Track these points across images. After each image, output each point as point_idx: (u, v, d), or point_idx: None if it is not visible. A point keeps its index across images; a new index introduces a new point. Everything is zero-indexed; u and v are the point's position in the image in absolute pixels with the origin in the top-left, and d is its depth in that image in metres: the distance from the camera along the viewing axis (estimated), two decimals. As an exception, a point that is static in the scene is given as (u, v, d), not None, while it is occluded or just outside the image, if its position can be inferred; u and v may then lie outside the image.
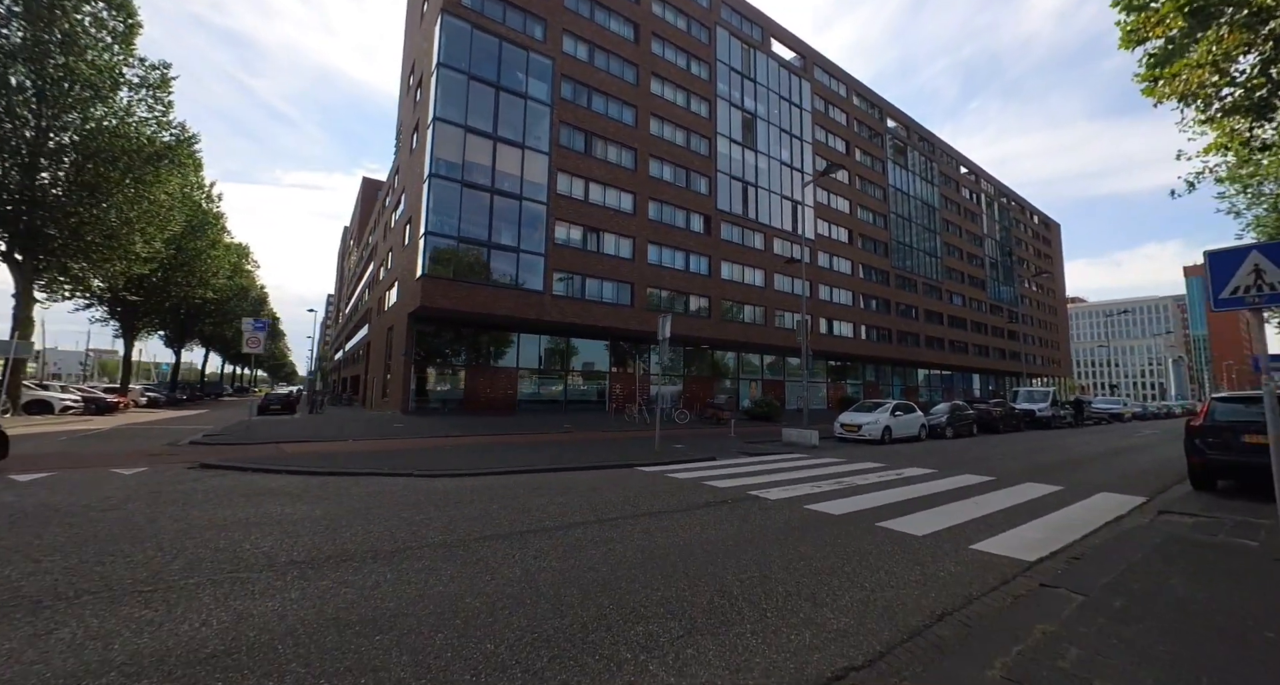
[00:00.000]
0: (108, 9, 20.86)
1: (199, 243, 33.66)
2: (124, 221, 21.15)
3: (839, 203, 40.92)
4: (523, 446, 11.74)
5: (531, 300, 24.01)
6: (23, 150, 18.91)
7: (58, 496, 5.80)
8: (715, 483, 7.35)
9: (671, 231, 29.99)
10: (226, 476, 7.37)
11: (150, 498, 5.82)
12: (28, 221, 19.13)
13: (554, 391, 27.51)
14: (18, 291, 19.45)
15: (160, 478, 7.14)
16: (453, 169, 23.00)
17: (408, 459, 9.28)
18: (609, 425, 18.92)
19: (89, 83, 19.63)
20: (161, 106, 22.24)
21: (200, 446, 10.95)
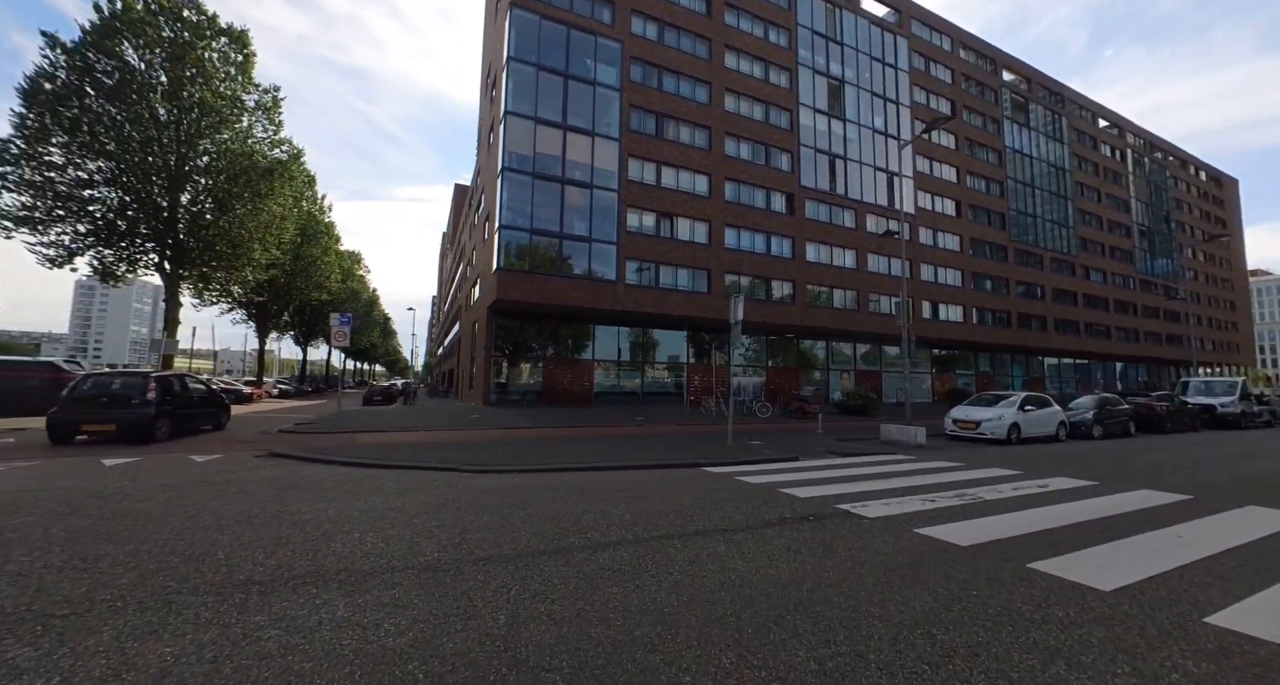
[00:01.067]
0: (229, 43, 23.16)
1: (314, 250, 37.28)
2: (246, 232, 23.61)
3: (944, 171, 36.27)
4: (588, 440, 11.10)
5: (604, 290, 23.53)
6: (165, 176, 21.54)
7: (114, 484, 5.93)
8: (795, 490, 6.06)
9: (750, 213, 28.11)
10: (282, 466, 7.36)
11: (192, 488, 5.76)
12: (173, 237, 21.88)
13: (631, 384, 26.95)
14: (167, 297, 22.39)
15: (221, 466, 7.28)
16: (524, 162, 23.05)
17: (464, 452, 8.93)
18: (683, 418, 17.91)
19: (216, 110, 21.91)
20: (273, 126, 24.46)
21: (287, 434, 11.54)
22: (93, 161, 20.27)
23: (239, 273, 24.68)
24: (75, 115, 19.57)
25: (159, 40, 20.89)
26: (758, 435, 12.69)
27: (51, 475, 6.35)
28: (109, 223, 20.81)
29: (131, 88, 20.22)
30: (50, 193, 19.81)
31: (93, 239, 20.78)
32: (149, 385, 10.40)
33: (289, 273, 35.77)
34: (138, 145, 20.50)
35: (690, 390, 26.92)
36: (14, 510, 4.58)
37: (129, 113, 20.25)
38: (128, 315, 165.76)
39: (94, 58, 19.93)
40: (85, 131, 19.66)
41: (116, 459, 7.63)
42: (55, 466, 6.96)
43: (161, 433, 10.37)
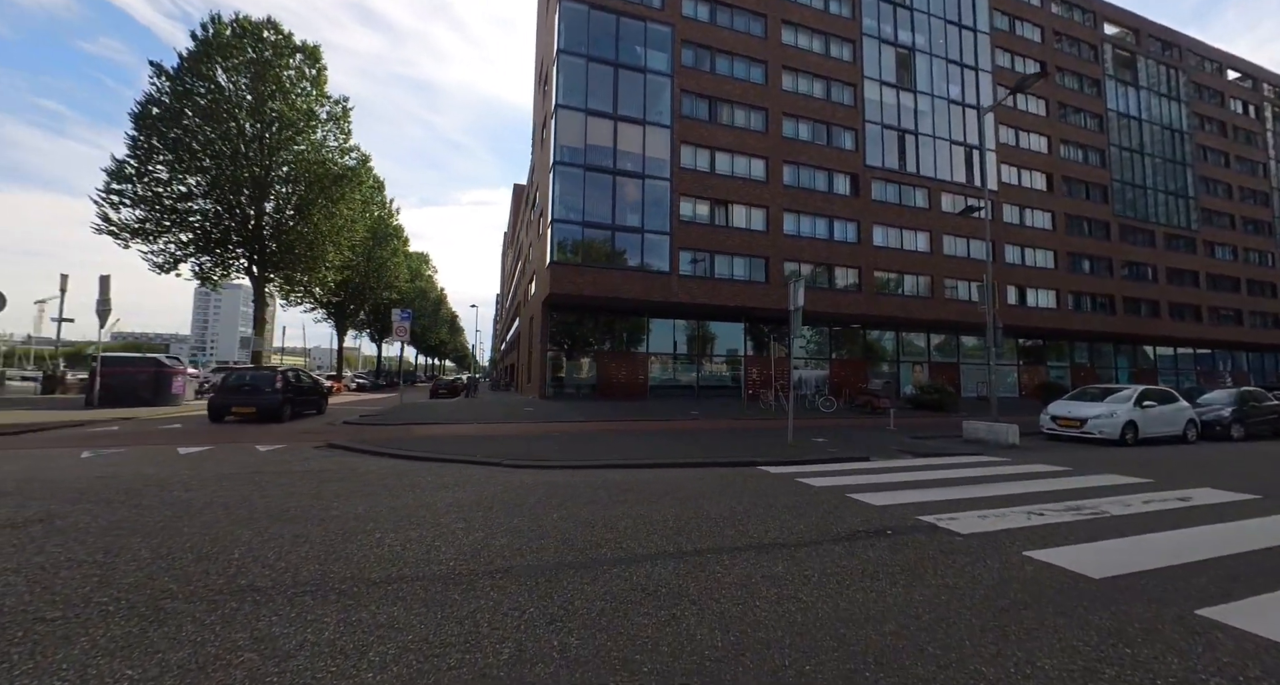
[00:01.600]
0: (304, 59, 24.58)
1: (384, 252, 39.38)
2: (321, 235, 25.15)
3: (1032, 141, 32.68)
4: (639, 434, 10.67)
5: (657, 282, 23.02)
6: (251, 186, 23.22)
7: (179, 472, 6.13)
8: (867, 496, 5.29)
9: (811, 196, 26.55)
10: (332, 458, 7.44)
11: (244, 478, 5.83)
12: (258, 242, 23.65)
13: (687, 377, 26.34)
14: (255, 298, 24.28)
15: (280, 457, 7.47)
16: (575, 154, 22.91)
17: (511, 446, 8.75)
18: (741, 413, 17.10)
19: (293, 123, 23.35)
20: (343, 134, 25.84)
21: (350, 426, 11.95)
22: (192, 177, 22.16)
23: (316, 274, 26.33)
24: (177, 135, 21.45)
25: (244, 61, 22.50)
26: (822, 431, 11.74)
27: (131, 462, 6.73)
28: (206, 231, 22.74)
29: (222, 107, 21.92)
30: (158, 207, 21.85)
31: (193, 247, 22.76)
32: (277, 378, 13.13)
33: (362, 274, 38.02)
34: (227, 159, 22.22)
35: (748, 384, 25.91)
36: (77, 498, 4.75)
37: (220, 130, 21.98)
38: (236, 317, 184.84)
39: (191, 82, 21.75)
40: (185, 149, 21.52)
41: (192, 447, 8.06)
42: (135, 453, 7.42)
43: (286, 414, 12.81)
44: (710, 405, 20.87)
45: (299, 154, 24.01)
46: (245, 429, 10.88)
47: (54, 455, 7.24)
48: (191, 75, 21.77)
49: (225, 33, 22.55)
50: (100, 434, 9.68)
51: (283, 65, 23.65)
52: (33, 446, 8.06)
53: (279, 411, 12.55)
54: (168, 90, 21.57)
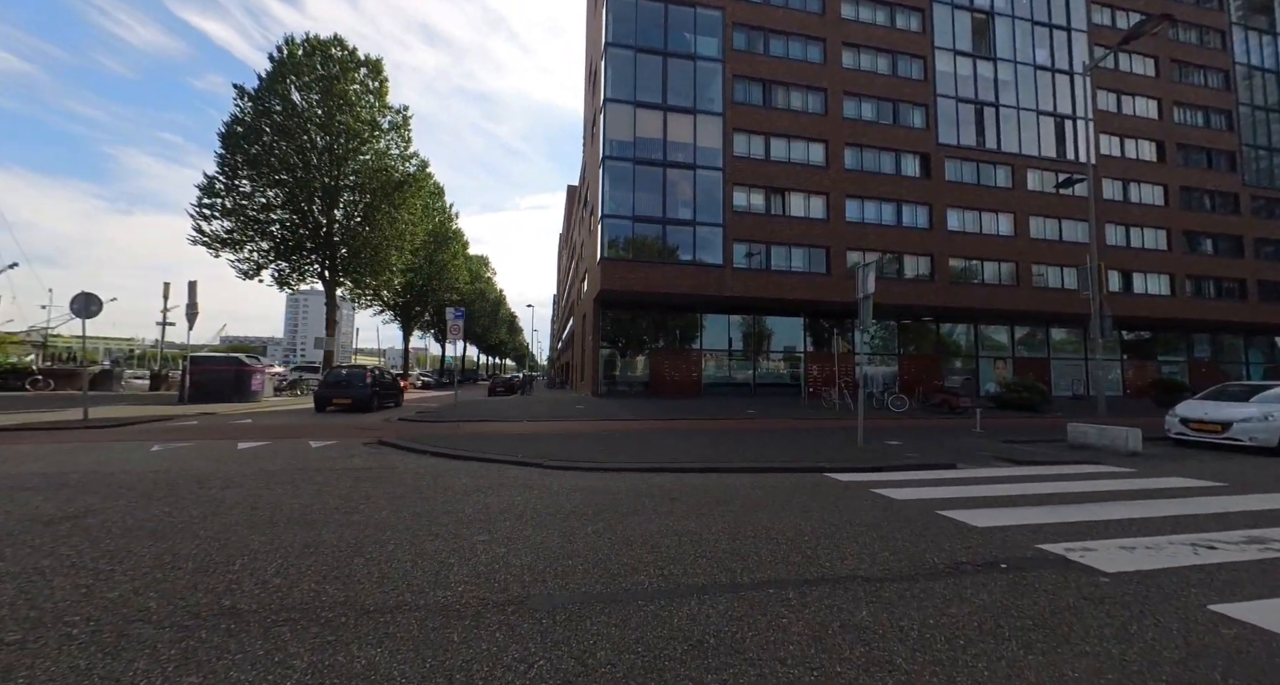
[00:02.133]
0: (368, 73, 25.69)
1: (445, 255, 40.87)
2: (384, 240, 26.28)
3: (1139, 105, 28.86)
4: (692, 434, 10.03)
5: (711, 275, 22.18)
6: (322, 195, 24.56)
7: (227, 468, 6.17)
8: (964, 514, 4.39)
9: (876, 180, 24.72)
10: (376, 456, 7.34)
11: (285, 475, 5.74)
12: (329, 248, 25.01)
13: (743, 375, 25.32)
14: (327, 301, 25.70)
15: (328, 453, 7.46)
16: (624, 148, 22.50)
17: (557, 445, 8.38)
18: (801, 412, 16.01)
19: (358, 133, 24.45)
20: (404, 142, 26.84)
21: (405, 422, 12.10)
22: (271, 189, 23.69)
23: (382, 277, 27.48)
24: (258, 151, 22.98)
25: (315, 78, 23.77)
26: (895, 433, 10.57)
27: (189, 457, 6.91)
28: (283, 239, 24.28)
29: (295, 122, 23.28)
30: (242, 218, 23.55)
31: (273, 254, 24.36)
32: (367, 375, 15.80)
33: (425, 276, 39.66)
34: (300, 170, 23.57)
35: (808, 382, 24.51)
36: (122, 492, 4.76)
37: (294, 144, 23.35)
38: (320, 321, 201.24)
39: (269, 100, 23.24)
40: (265, 164, 23.03)
41: (251, 443, 8.27)
42: (198, 448, 7.66)
43: (374, 405, 15.23)
44: (767, 404, 19.80)
45: (364, 163, 25.08)
46: (307, 424, 11.24)
47: (131, 447, 7.61)
48: (269, 94, 23.24)
49: (298, 52, 23.91)
50: (179, 428, 10.26)
51: (349, 80, 24.79)
52: (124, 438, 8.56)
53: (369, 403, 14.90)
54: (249, 110, 23.15)
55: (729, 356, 25.25)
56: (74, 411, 11.97)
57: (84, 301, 10.82)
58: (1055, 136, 27.15)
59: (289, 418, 12.78)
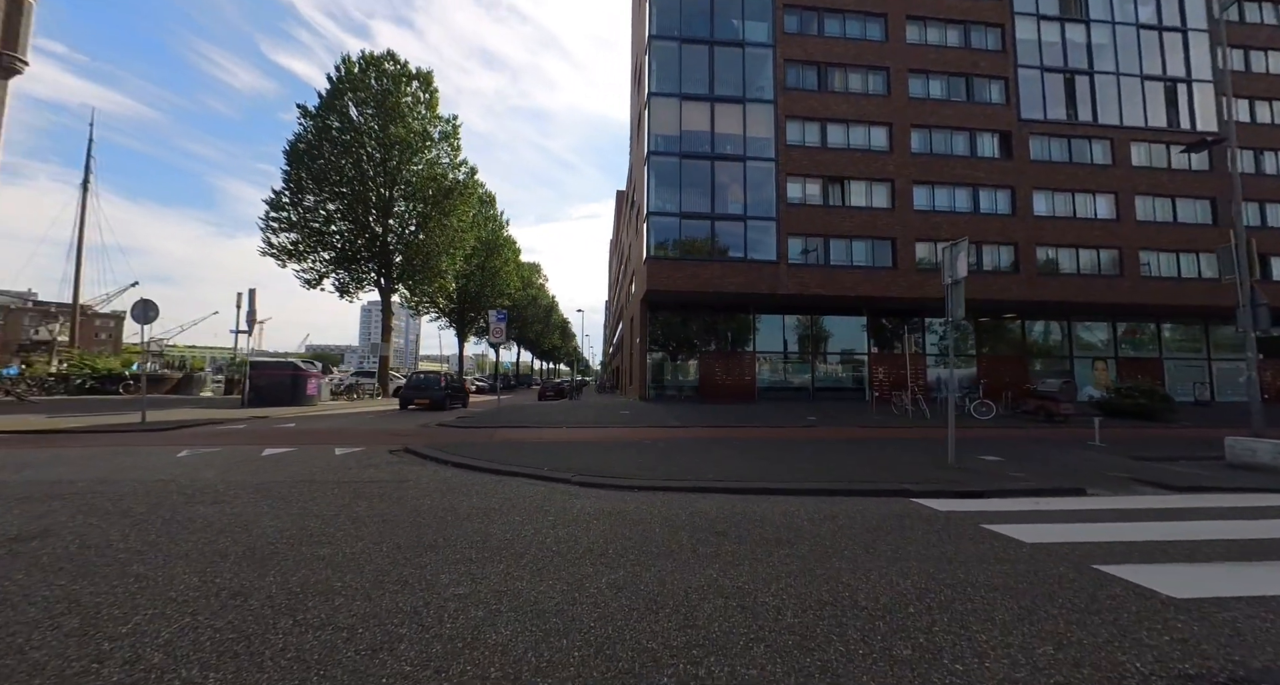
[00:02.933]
0: (420, 86, 26.29)
1: (496, 262, 41.55)
2: (435, 246, 26.74)
3: (1274, 61, 24.70)
4: (744, 444, 8.91)
5: (764, 272, 20.81)
6: (377, 205, 25.27)
7: (233, 478, 5.73)
8: (1145, 575, 3.07)
9: (948, 163, 22.47)
10: (394, 466, 6.75)
11: (289, 488, 5.19)
12: (384, 256, 25.70)
13: (800, 379, 23.68)
14: (382, 308, 26.40)
15: (347, 461, 6.96)
16: (670, 143, 21.61)
17: (592, 455, 7.52)
18: (868, 419, 14.37)
19: (411, 145, 25.01)
20: (453, 151, 27.27)
21: (442, 428, 11.68)
22: (332, 202, 24.60)
23: (434, 284, 27.96)
24: (320, 166, 23.95)
25: (370, 94, 24.53)
26: (989, 446, 8.93)
27: (207, 463, 6.60)
28: (343, 249, 25.16)
29: (353, 136, 24.08)
30: (306, 230, 24.60)
31: (333, 264, 25.31)
32: (441, 379, 18.82)
33: (478, 283, 40.45)
34: (357, 183, 24.34)
35: (874, 385, 22.50)
36: (93, 508, 4.32)
37: (352, 157, 24.18)
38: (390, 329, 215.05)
39: (328, 117, 24.20)
40: (325, 178, 23.94)
41: (277, 448, 7.97)
42: (224, 454, 7.40)
43: (446, 404, 17.63)
44: (829, 410, 18.15)
45: (416, 172, 25.57)
46: (345, 428, 11.04)
47: (160, 453, 7.47)
48: (328, 111, 24.18)
49: (354, 70, 24.76)
50: (222, 432, 10.28)
51: (401, 93, 25.42)
52: (164, 443, 8.53)
53: (442, 402, 17.45)
54: (311, 128, 24.17)
55: (784, 359, 23.67)
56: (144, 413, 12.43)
57: (143, 308, 11.15)
58: (1165, 103, 23.70)
59: (333, 422, 12.72)
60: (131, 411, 14.10)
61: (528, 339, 69.32)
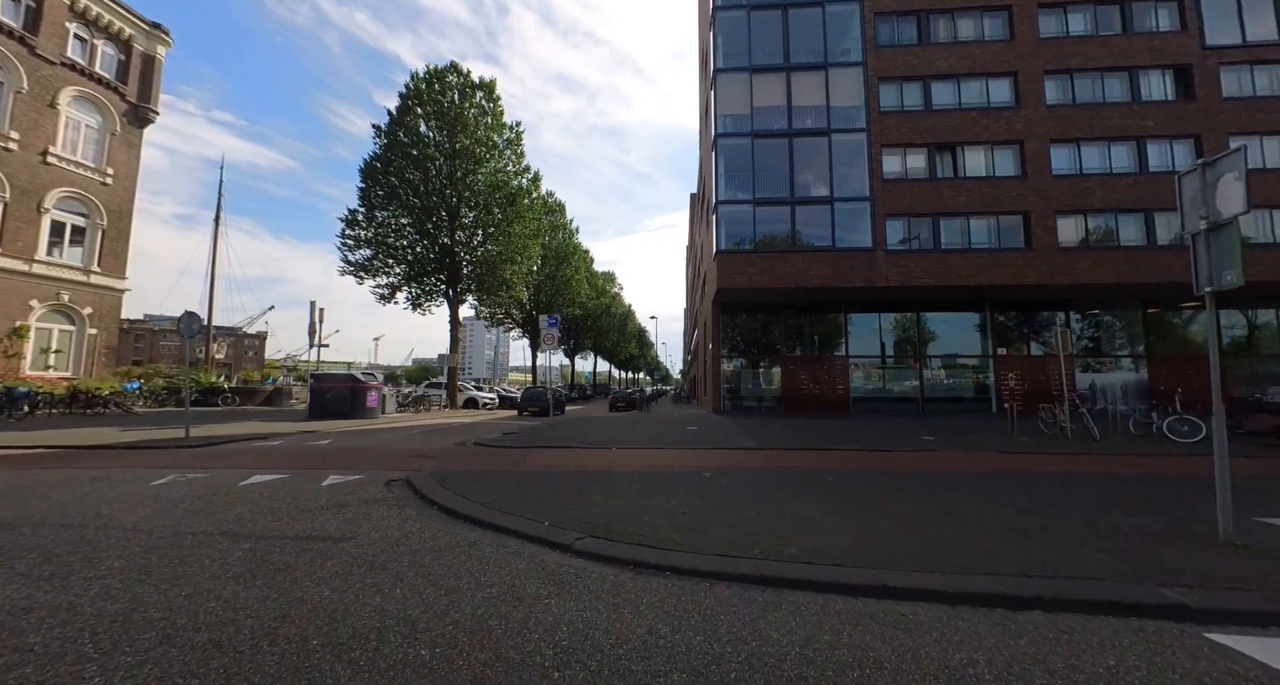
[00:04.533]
0: (484, 96, 26.19)
1: (566, 270, 41.12)
2: (500, 255, 26.33)
3: None
4: (844, 479, 6.42)
5: (857, 262, 17.69)
6: (446, 216, 25.28)
7: (173, 521, 4.36)
8: None
9: (1098, 113, 17.97)
10: (370, 505, 5.13)
11: (204, 540, 3.68)
12: (452, 267, 25.66)
13: (903, 387, 20.06)
14: (450, 319, 26.33)
15: (319, 497, 5.45)
16: (740, 123, 19.25)
17: (630, 496, 5.50)
18: (1006, 439, 10.96)
19: (475, 154, 24.83)
20: (516, 157, 26.85)
21: (480, 447, 10.25)
22: (403, 217, 24.95)
23: (500, 295, 27.55)
24: (391, 181, 24.42)
25: (438, 109, 24.71)
26: (1258, 493, 5.65)
27: (170, 495, 5.44)
28: (413, 263, 25.44)
29: (420, 149, 24.33)
30: (381, 246, 25.16)
31: (406, 279, 25.66)
32: (547, 393, 21.14)
33: (549, 292, 40.20)
34: (426, 195, 24.49)
35: (1001, 394, 18.34)
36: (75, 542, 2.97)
37: (420, 169, 24.42)
38: (483, 343, 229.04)
39: (399, 133, 24.65)
40: (397, 195, 24.35)
41: (267, 475, 6.75)
42: (204, 481, 6.29)
43: (550, 412, 19.37)
44: (946, 427, 14.63)
45: (481, 181, 25.29)
46: (372, 448, 9.93)
47: (141, 477, 6.52)
48: (398, 127, 24.62)
49: (422, 86, 25.09)
50: (247, 450, 9.53)
51: (466, 105, 25.39)
52: (175, 464, 7.75)
53: (548, 410, 19.81)
54: (382, 145, 24.74)
55: (882, 364, 20.15)
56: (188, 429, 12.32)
57: (189, 319, 10.89)
58: None
59: (375, 438, 11.81)
60: (208, 423, 14.29)
61: (604, 348, 68.71)
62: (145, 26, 24.67)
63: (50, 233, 21.15)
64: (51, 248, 21.37)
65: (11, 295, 19.84)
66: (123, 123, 23.81)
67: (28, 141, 20.45)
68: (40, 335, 20.94)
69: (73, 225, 22.05)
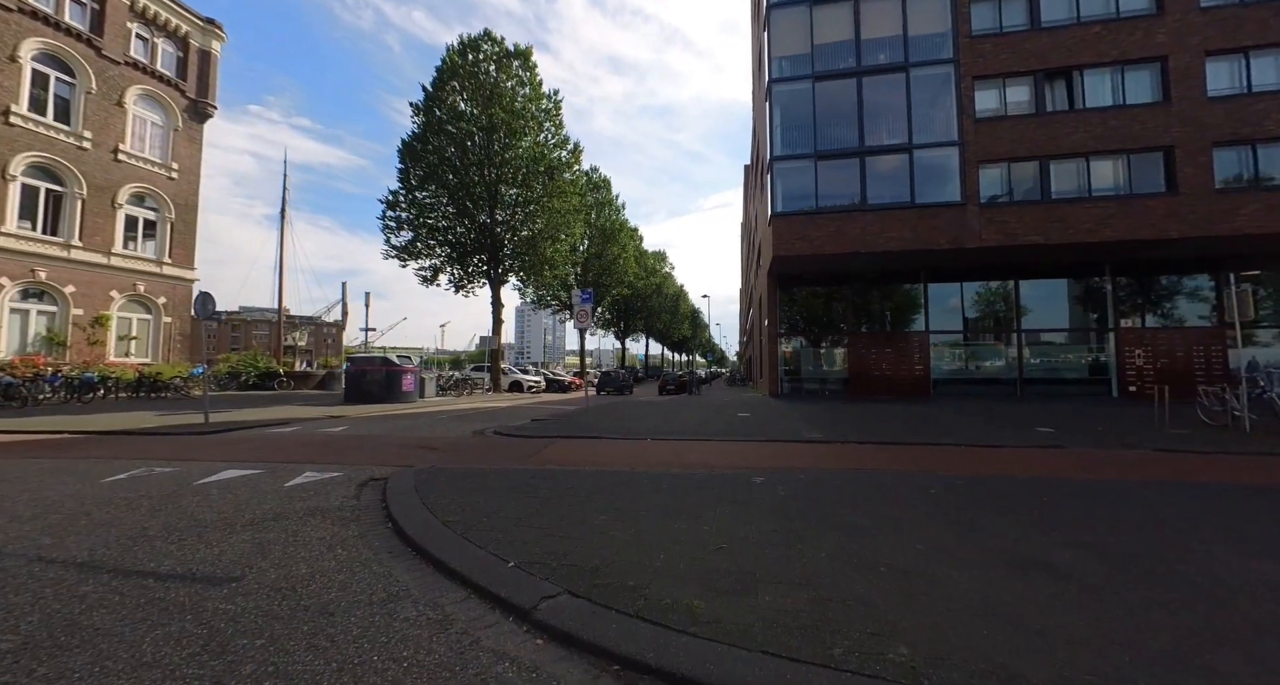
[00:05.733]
0: (520, 65, 24.85)
1: (614, 248, 39.63)
2: (541, 232, 25.25)
3: None
4: (948, 490, 4.59)
5: (942, 221, 14.99)
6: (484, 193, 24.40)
7: (77, 539, 3.34)
8: None
9: (1274, 12, 14.02)
10: (300, 527, 3.92)
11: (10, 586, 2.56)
12: (492, 246, 24.86)
13: (994, 365, 17.22)
14: (493, 300, 25.63)
15: (257, 503, 4.32)
16: (799, 65, 16.75)
17: (639, 517, 3.99)
18: (1151, 432, 8.42)
19: (512, 126, 23.65)
20: (554, 126, 25.45)
21: (499, 437, 9.07)
22: (444, 197, 24.28)
23: (543, 273, 26.52)
24: (431, 160, 23.77)
25: (474, 84, 23.66)
26: None
27: (116, 497, 4.53)
28: (455, 243, 24.86)
29: (458, 125, 23.45)
30: (422, 227, 24.72)
31: (446, 260, 25.16)
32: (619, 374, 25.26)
33: (595, 271, 38.97)
34: (464, 171, 23.66)
35: (1124, 375, 15.18)
36: None
37: (457, 145, 23.59)
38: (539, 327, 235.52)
39: (437, 111, 23.85)
40: (436, 173, 23.68)
41: (233, 471, 5.78)
42: (164, 477, 5.42)
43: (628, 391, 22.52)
44: (1059, 413, 11.94)
45: (520, 155, 24.13)
46: (380, 437, 9.01)
47: (102, 469, 5.74)
48: (435, 103, 23.81)
49: (456, 59, 24.08)
50: (251, 438, 8.86)
51: (503, 77, 24.17)
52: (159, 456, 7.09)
53: (624, 389, 23.01)
54: (420, 123, 24.06)
55: (965, 340, 17.32)
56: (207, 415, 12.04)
57: (202, 301, 10.40)
58: None
59: (394, 424, 11.00)
60: (245, 407, 14.19)
61: (656, 330, 67.00)
62: (200, 22, 25.06)
63: (125, 228, 22.11)
64: (127, 241, 22.36)
65: (94, 287, 20.83)
66: (184, 118, 24.42)
67: (99, 140, 21.23)
68: (120, 324, 22.04)
69: (145, 219, 22.97)
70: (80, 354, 19.72)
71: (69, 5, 20.65)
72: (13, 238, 18.73)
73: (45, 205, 19.81)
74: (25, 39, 19.23)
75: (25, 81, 19.21)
